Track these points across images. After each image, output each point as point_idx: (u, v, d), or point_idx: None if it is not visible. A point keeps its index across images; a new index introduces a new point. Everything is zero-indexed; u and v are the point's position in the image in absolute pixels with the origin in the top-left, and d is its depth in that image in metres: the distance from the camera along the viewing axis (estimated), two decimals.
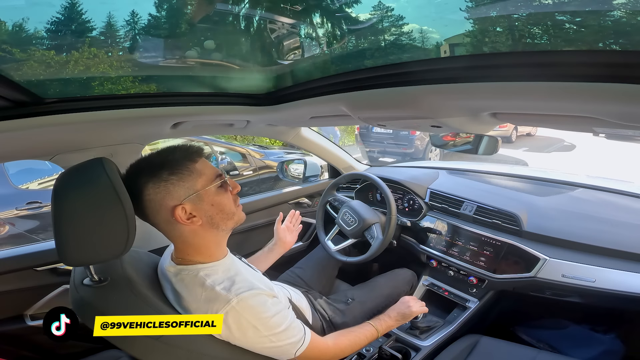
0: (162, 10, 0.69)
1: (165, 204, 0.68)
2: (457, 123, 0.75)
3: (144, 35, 0.71)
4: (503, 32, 0.53)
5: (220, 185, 0.72)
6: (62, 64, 0.71)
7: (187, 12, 0.74)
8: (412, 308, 1.03)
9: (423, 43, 0.60)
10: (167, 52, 0.78)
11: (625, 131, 0.61)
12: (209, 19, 0.73)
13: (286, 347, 0.72)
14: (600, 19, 0.44)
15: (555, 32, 0.48)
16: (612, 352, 1.14)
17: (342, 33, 0.73)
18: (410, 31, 0.61)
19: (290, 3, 0.72)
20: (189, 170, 0.69)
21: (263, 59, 0.88)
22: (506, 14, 0.52)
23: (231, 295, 0.67)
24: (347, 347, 0.87)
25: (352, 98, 0.78)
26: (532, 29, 0.50)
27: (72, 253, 0.63)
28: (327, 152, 1.68)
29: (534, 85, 0.49)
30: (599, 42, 0.45)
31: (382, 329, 0.97)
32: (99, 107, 0.83)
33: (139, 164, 0.71)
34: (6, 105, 0.69)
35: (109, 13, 0.63)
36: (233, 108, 1.03)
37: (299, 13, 0.73)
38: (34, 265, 1.08)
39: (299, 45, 0.79)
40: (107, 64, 0.74)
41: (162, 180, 0.67)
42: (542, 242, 1.09)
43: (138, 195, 0.68)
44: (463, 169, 1.66)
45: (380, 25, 0.64)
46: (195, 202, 0.69)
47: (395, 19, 0.62)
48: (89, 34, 0.65)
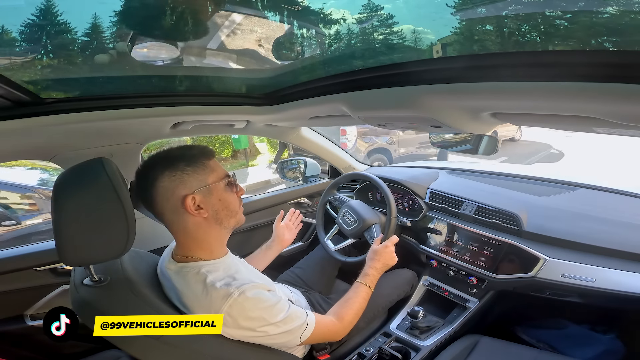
0: (162, 10, 0.69)
1: (178, 192, 0.71)
2: (457, 123, 0.75)
3: (144, 35, 0.72)
4: (503, 32, 0.53)
5: (228, 183, 0.78)
6: (62, 64, 0.71)
7: (187, 12, 0.74)
8: (392, 253, 1.09)
9: (416, 43, 0.60)
10: (167, 52, 0.78)
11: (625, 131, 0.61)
12: (209, 19, 0.73)
13: (293, 331, 0.75)
14: (593, 18, 0.44)
15: (550, 30, 0.48)
16: (612, 352, 1.14)
17: (343, 33, 0.73)
18: (412, 31, 0.61)
19: (290, 4, 0.72)
20: (203, 165, 0.75)
21: (263, 59, 0.88)
22: (506, 13, 0.52)
23: (232, 289, 0.69)
24: (352, 316, 0.90)
25: (352, 98, 0.78)
26: (533, 29, 0.50)
27: (72, 253, 0.63)
28: (327, 152, 1.68)
29: (534, 85, 0.49)
30: (596, 40, 0.45)
31: (373, 284, 1.01)
32: (99, 107, 0.84)
33: (157, 155, 0.76)
34: (6, 105, 0.69)
35: (108, 13, 0.63)
36: (233, 108, 1.03)
37: (299, 13, 0.73)
38: (34, 265, 1.08)
39: (299, 45, 0.79)
40: (107, 64, 0.74)
41: (178, 170, 0.72)
42: (542, 242, 1.09)
43: (152, 183, 0.71)
44: (463, 169, 1.66)
45: (380, 25, 0.64)
46: (205, 194, 0.73)
47: (394, 20, 0.62)
48: (88, 33, 0.65)
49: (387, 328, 1.18)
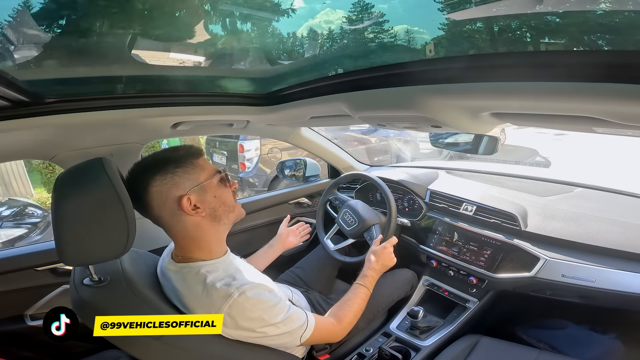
0: (162, 10, 0.69)
1: (172, 195, 0.71)
2: (457, 123, 0.75)
3: (144, 35, 0.72)
4: (495, 32, 0.53)
5: (220, 179, 0.77)
6: (62, 64, 0.71)
7: (188, 12, 0.74)
8: (391, 254, 1.08)
9: (410, 43, 0.60)
10: (167, 52, 0.78)
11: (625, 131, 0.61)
12: (210, 19, 0.73)
13: (292, 332, 0.75)
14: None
15: (550, 30, 0.48)
16: (612, 352, 1.14)
17: (342, 33, 0.73)
18: (412, 31, 0.61)
19: (290, 4, 0.72)
20: (192, 164, 0.74)
21: (263, 59, 0.88)
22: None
23: (232, 289, 0.69)
24: (351, 318, 0.91)
25: (352, 98, 0.78)
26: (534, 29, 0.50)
27: (72, 253, 0.63)
28: (327, 152, 1.68)
29: (534, 85, 0.49)
30: (596, 40, 0.45)
31: (372, 285, 1.01)
32: (99, 107, 0.83)
33: (144, 161, 0.75)
34: (6, 105, 0.69)
35: (108, 13, 0.63)
36: (233, 108, 1.03)
37: (299, 13, 0.73)
38: (34, 265, 1.08)
39: (299, 45, 0.79)
40: (108, 64, 0.74)
41: (168, 173, 0.71)
42: (542, 242, 1.09)
43: (144, 189, 0.71)
44: (463, 169, 1.66)
45: (380, 26, 0.64)
46: (200, 193, 0.73)
47: (387, 20, 0.62)
48: (89, 33, 0.65)
49: (387, 328, 1.18)
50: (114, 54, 0.72)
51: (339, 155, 1.71)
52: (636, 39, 0.43)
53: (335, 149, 1.70)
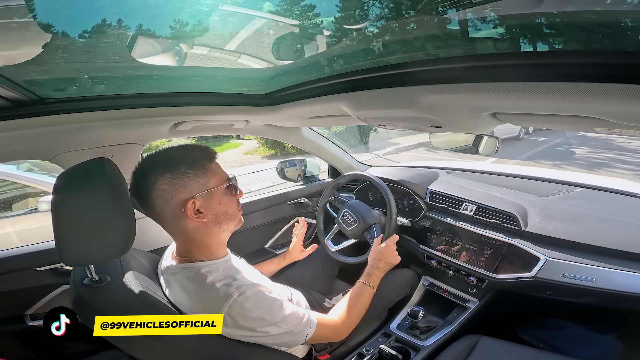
0: (162, 10, 0.69)
1: (178, 196, 0.69)
2: (457, 123, 0.75)
3: (145, 35, 0.71)
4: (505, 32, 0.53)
5: (228, 187, 0.76)
6: (62, 64, 0.71)
7: (188, 12, 0.74)
8: (395, 252, 1.09)
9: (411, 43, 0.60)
10: (167, 52, 0.78)
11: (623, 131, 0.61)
12: (210, 19, 0.73)
13: (296, 330, 0.75)
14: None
15: (550, 30, 0.48)
16: (612, 352, 1.14)
17: (343, 33, 0.73)
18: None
19: (289, 4, 0.72)
20: (205, 168, 0.72)
21: (262, 60, 0.88)
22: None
23: (232, 289, 0.69)
24: (354, 317, 0.91)
25: (352, 98, 0.78)
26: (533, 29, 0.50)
27: (72, 253, 0.63)
28: (327, 152, 1.68)
29: (534, 85, 0.49)
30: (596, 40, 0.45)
31: (376, 284, 1.01)
32: (99, 107, 0.83)
33: (157, 156, 0.73)
34: (6, 105, 0.69)
35: (108, 13, 0.63)
36: (233, 108, 1.03)
37: (299, 13, 0.73)
38: (34, 265, 1.08)
39: (299, 45, 0.79)
40: (107, 64, 0.74)
41: (179, 173, 0.69)
42: (542, 242, 1.09)
43: (151, 185, 0.69)
44: (463, 169, 1.66)
45: (380, 26, 0.64)
46: (206, 198, 0.72)
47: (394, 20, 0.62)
48: (89, 33, 0.65)
49: (387, 328, 1.18)
50: (114, 53, 0.72)
51: (339, 156, 1.71)
52: (636, 39, 0.43)
53: (336, 149, 1.70)
